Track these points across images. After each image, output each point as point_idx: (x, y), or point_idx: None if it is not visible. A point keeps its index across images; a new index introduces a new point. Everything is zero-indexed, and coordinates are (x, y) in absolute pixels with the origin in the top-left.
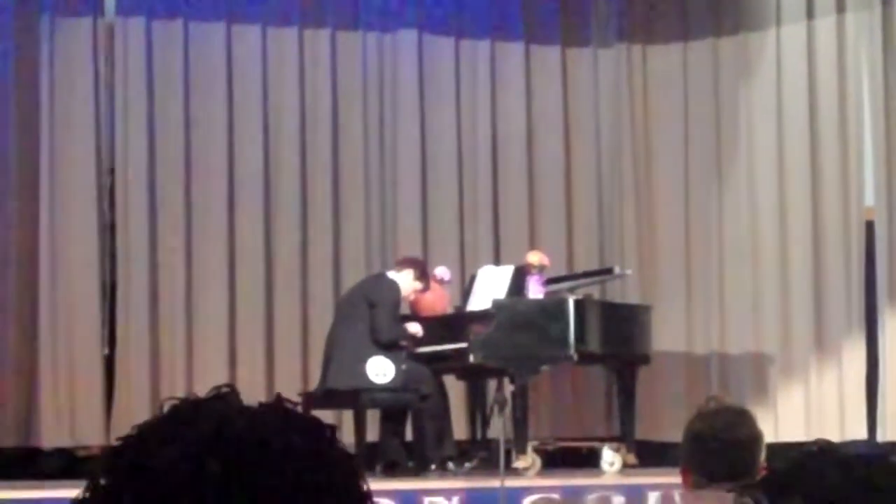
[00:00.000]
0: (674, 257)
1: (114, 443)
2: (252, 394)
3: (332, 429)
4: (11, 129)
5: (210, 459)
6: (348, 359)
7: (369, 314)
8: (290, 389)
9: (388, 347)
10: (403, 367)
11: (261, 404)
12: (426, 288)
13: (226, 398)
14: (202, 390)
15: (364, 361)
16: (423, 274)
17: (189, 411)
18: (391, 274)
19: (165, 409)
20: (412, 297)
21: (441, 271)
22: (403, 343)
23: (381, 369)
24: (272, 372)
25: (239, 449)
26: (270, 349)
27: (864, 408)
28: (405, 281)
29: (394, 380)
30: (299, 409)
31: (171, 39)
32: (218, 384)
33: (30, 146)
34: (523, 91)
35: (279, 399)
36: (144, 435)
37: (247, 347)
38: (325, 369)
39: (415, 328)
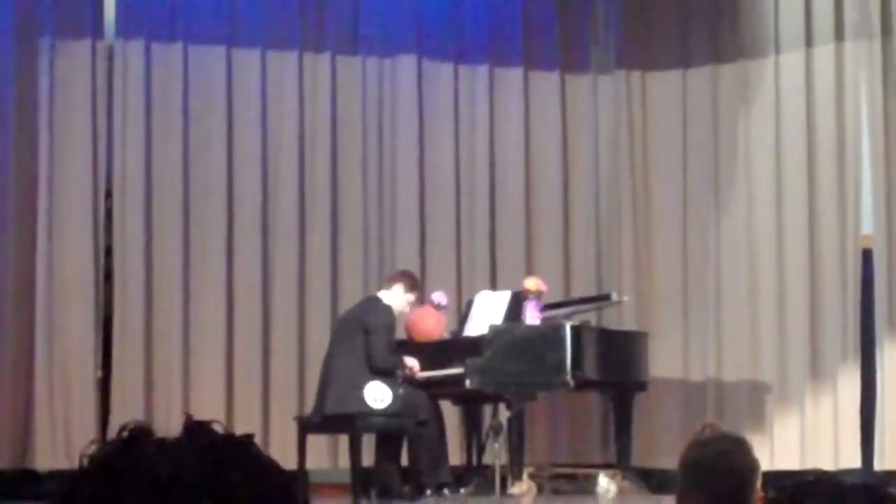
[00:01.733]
0: (671, 284)
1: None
2: (248, 417)
3: (251, 437)
4: (10, 150)
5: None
6: (345, 384)
7: (364, 340)
8: (286, 413)
9: (383, 374)
10: (401, 391)
11: (182, 438)
12: (420, 298)
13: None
14: (197, 414)
15: (361, 387)
16: (414, 284)
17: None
18: (383, 294)
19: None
20: (407, 309)
21: (438, 296)
22: (398, 372)
23: (378, 394)
24: (268, 395)
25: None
26: (266, 373)
27: (858, 437)
28: (397, 297)
29: (391, 405)
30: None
31: (170, 62)
32: (213, 408)
33: (28, 167)
34: (522, 116)
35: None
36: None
37: (243, 371)
38: (321, 394)
39: (411, 362)
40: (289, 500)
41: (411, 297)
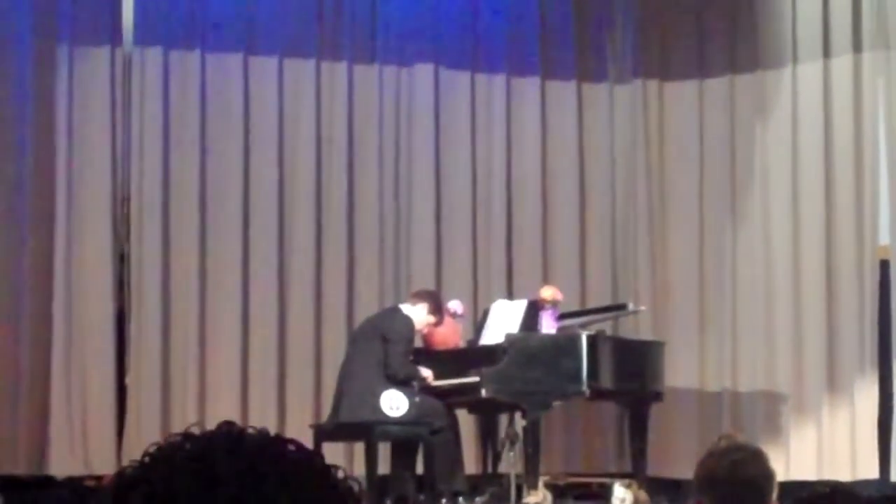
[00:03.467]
0: (687, 294)
1: (124, 466)
2: (263, 424)
3: (322, 459)
4: (28, 158)
5: (221, 462)
6: (361, 392)
7: (382, 349)
8: (302, 420)
9: (399, 384)
10: (417, 399)
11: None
12: (440, 322)
13: (229, 424)
14: (214, 420)
15: (377, 395)
16: (438, 308)
17: (197, 434)
18: (405, 307)
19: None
20: (425, 330)
21: (454, 305)
22: (414, 383)
23: (394, 402)
24: (284, 403)
25: (248, 452)
26: (283, 380)
27: (875, 447)
28: (419, 315)
29: (407, 413)
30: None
31: (188, 70)
32: (230, 415)
33: (46, 174)
34: (539, 126)
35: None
36: (154, 455)
37: (259, 378)
38: (336, 403)
39: (425, 373)
40: None
41: (432, 319)
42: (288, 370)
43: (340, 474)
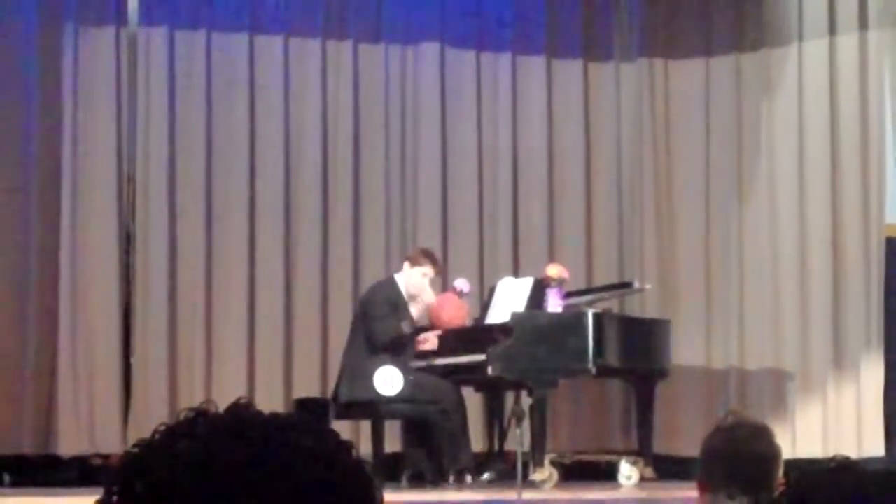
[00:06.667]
0: (693, 272)
1: (130, 447)
2: (270, 404)
3: (339, 437)
4: (33, 138)
5: (225, 443)
6: (355, 372)
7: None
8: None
9: (392, 352)
10: (411, 377)
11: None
12: (438, 271)
13: (241, 403)
14: (220, 400)
15: (370, 374)
16: (417, 260)
17: (204, 412)
18: (398, 276)
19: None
20: (423, 281)
21: (460, 283)
22: (404, 342)
23: (388, 379)
24: (290, 382)
25: (254, 439)
26: (289, 359)
27: (881, 424)
28: (407, 275)
29: (402, 390)
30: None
31: (193, 49)
32: (236, 395)
33: (51, 155)
34: (544, 105)
35: (298, 405)
36: (161, 438)
37: (265, 358)
38: (337, 382)
39: (427, 345)
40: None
41: (423, 269)
42: (294, 349)
43: (354, 454)
